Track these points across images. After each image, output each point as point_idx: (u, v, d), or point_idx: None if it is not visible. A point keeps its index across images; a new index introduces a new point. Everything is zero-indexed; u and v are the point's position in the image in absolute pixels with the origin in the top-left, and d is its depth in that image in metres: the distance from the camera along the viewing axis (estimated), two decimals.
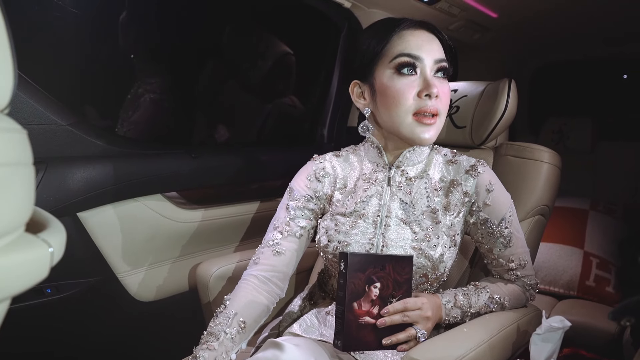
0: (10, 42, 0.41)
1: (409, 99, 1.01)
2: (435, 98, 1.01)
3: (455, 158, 1.13)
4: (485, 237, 1.10)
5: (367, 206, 1.08)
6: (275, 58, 2.08)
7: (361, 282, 0.93)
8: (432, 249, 1.02)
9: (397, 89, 1.01)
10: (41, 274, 0.40)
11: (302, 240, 1.14)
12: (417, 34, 1.04)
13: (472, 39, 2.19)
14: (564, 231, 2.12)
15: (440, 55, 1.04)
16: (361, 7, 1.76)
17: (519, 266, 1.12)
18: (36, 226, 0.44)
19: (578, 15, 1.98)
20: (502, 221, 1.07)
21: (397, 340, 0.95)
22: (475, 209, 1.08)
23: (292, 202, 1.14)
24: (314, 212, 1.15)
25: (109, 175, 1.24)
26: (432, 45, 1.04)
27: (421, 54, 1.02)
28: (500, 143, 1.42)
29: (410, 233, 1.04)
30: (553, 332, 0.99)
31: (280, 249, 1.10)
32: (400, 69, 1.02)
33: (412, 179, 1.10)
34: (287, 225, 1.12)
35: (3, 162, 0.37)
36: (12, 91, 0.42)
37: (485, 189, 1.07)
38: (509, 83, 1.30)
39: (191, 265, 1.48)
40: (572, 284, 1.99)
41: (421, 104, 1.01)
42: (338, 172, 1.16)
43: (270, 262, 1.10)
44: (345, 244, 1.05)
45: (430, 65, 1.02)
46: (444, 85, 1.04)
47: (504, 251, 1.10)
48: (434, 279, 1.06)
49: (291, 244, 1.12)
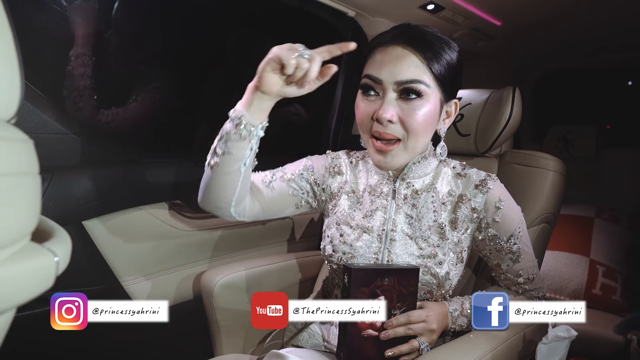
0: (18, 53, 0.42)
1: (365, 120, 1.00)
2: (390, 122, 0.96)
3: (464, 171, 1.09)
4: (494, 252, 1.08)
5: (372, 220, 1.06)
6: None
7: (364, 297, 0.92)
8: (438, 267, 1.00)
9: (359, 108, 1.01)
10: (47, 283, 0.40)
11: (287, 190, 1.12)
12: (387, 52, 0.97)
13: (477, 47, 2.19)
14: (570, 239, 2.11)
15: (407, 75, 0.95)
16: (365, 16, 1.77)
17: (528, 280, 1.10)
18: (42, 235, 0.44)
19: (583, 23, 1.98)
20: (511, 237, 1.05)
21: (400, 353, 0.95)
22: (484, 226, 1.05)
23: (309, 162, 1.15)
24: (312, 187, 1.14)
25: (114, 184, 1.24)
26: (400, 65, 0.95)
27: (381, 76, 0.96)
28: (505, 151, 1.42)
29: (416, 248, 1.02)
30: (559, 341, 0.98)
31: (274, 184, 1.10)
32: (364, 91, 1.00)
33: (419, 192, 1.06)
34: (292, 175, 1.13)
35: (10, 172, 0.37)
36: (19, 102, 0.42)
37: (495, 206, 1.03)
38: (514, 91, 1.30)
39: (196, 273, 1.48)
40: (578, 292, 1.97)
41: (374, 127, 0.98)
42: (349, 175, 1.15)
43: (258, 185, 1.09)
44: (350, 255, 1.04)
45: (392, 87, 0.96)
46: (414, 108, 0.95)
47: (512, 266, 1.09)
48: (438, 295, 1.04)
49: (282, 185, 1.12)
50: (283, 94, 0.91)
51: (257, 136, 0.94)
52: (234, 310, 1.32)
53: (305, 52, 0.84)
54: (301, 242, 1.75)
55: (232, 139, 0.93)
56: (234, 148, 0.93)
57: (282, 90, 0.90)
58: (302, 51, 0.84)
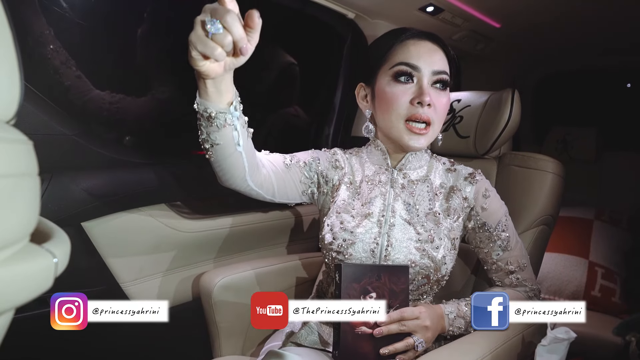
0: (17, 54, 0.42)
1: (401, 105, 1.05)
2: (428, 107, 1.04)
3: (453, 167, 1.18)
4: (484, 240, 1.13)
5: (372, 206, 1.10)
6: (280, 68, 2.09)
7: (356, 293, 0.94)
8: (435, 250, 1.05)
9: (392, 94, 1.05)
10: (45, 284, 0.40)
11: (296, 171, 1.15)
12: (420, 44, 1.07)
13: (476, 49, 2.19)
14: (569, 241, 2.11)
15: (440, 67, 1.06)
16: (365, 18, 1.77)
17: (519, 269, 1.14)
18: (41, 236, 0.44)
19: (582, 25, 1.98)
20: (499, 224, 1.12)
21: (395, 350, 0.95)
22: (474, 214, 1.13)
23: (314, 153, 1.19)
24: (316, 176, 1.17)
25: (113, 185, 1.24)
26: (433, 57, 1.06)
27: (419, 64, 1.05)
28: (504, 153, 1.42)
29: (414, 233, 1.07)
30: (558, 343, 0.98)
31: (277, 165, 1.12)
32: (398, 77, 1.06)
33: (415, 182, 1.14)
34: (298, 161, 1.16)
35: (9, 174, 0.37)
36: (18, 103, 0.42)
37: (483, 195, 1.12)
38: (513, 93, 1.30)
39: (195, 275, 1.48)
40: (577, 294, 1.97)
41: (412, 110, 1.04)
42: (346, 167, 1.19)
43: (271, 161, 1.11)
44: (350, 242, 1.06)
45: (428, 75, 1.05)
46: (441, 96, 1.07)
47: (502, 255, 1.13)
48: (434, 280, 1.07)
49: (294, 169, 1.14)
50: (231, 68, 0.83)
51: (235, 117, 0.90)
52: (233, 311, 1.31)
53: (215, 25, 0.72)
54: (301, 244, 1.75)
55: (212, 132, 0.91)
56: (219, 138, 0.92)
57: (226, 67, 0.81)
58: (211, 27, 0.72)
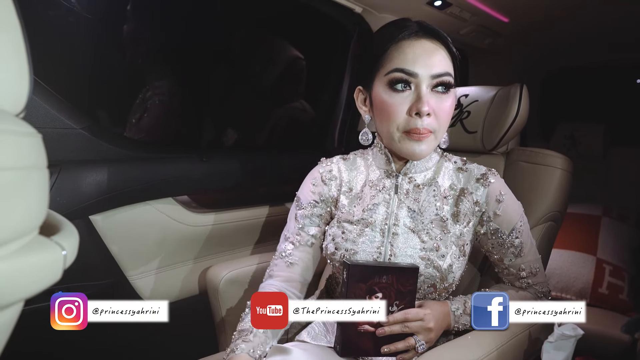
0: (27, 48, 0.42)
1: (399, 116, 0.98)
2: (427, 116, 0.96)
3: (465, 166, 1.10)
4: (496, 247, 1.08)
5: (375, 214, 1.05)
6: (286, 63, 2.09)
7: (362, 292, 0.93)
8: (440, 259, 1.00)
9: (389, 104, 0.98)
10: (54, 276, 0.40)
11: (315, 247, 1.13)
12: (417, 45, 0.98)
13: (484, 43, 2.18)
14: (577, 238, 2.10)
15: (440, 69, 0.97)
16: (372, 12, 1.76)
17: (530, 274, 1.10)
18: (49, 229, 0.44)
19: (590, 20, 1.97)
20: (513, 231, 1.05)
21: (396, 349, 0.95)
22: (486, 219, 1.06)
23: (300, 211, 1.13)
24: (322, 217, 1.13)
25: (120, 179, 1.25)
26: (432, 58, 0.97)
27: (416, 69, 0.96)
28: (512, 148, 1.41)
29: (418, 242, 1.02)
30: (565, 340, 0.98)
31: (293, 259, 1.10)
32: (393, 85, 0.97)
33: (420, 187, 1.07)
34: (298, 235, 1.12)
35: (19, 166, 0.38)
36: (27, 96, 0.42)
37: (496, 199, 1.04)
38: (521, 88, 1.29)
39: (201, 268, 1.49)
40: (585, 291, 1.96)
41: (411, 123, 0.97)
42: (344, 176, 1.13)
43: (284, 274, 1.09)
44: (353, 252, 1.03)
45: (427, 80, 0.96)
46: (443, 100, 0.98)
47: (514, 260, 1.08)
48: (442, 289, 1.03)
49: (303, 253, 1.11)
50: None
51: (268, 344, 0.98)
52: (239, 305, 1.32)
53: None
54: None
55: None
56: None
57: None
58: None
